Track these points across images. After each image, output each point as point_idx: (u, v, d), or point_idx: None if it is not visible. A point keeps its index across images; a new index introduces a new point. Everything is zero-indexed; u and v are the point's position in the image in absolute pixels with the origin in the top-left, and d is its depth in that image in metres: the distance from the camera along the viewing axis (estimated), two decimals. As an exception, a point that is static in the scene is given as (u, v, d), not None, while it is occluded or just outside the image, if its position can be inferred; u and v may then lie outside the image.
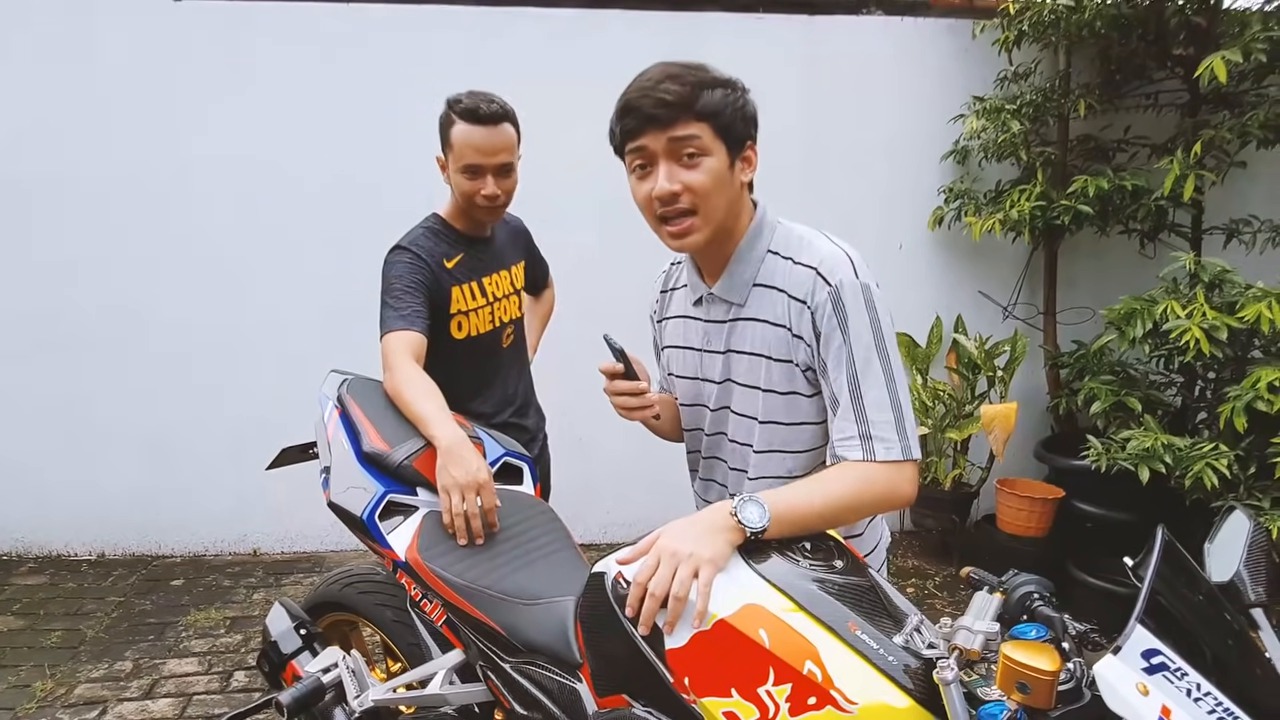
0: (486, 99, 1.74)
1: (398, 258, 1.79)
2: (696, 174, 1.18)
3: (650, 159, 1.19)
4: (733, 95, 1.20)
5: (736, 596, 1.02)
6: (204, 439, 3.44)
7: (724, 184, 1.20)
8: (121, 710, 2.46)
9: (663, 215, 1.21)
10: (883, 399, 1.15)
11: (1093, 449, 2.71)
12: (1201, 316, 2.56)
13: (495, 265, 1.94)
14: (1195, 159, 2.81)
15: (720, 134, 1.18)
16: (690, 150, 1.17)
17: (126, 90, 3.20)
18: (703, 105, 1.16)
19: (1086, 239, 3.51)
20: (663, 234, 1.24)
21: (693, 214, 1.20)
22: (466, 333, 1.87)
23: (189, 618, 3.00)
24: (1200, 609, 0.88)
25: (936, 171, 3.58)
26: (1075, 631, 0.99)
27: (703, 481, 1.47)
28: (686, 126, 1.16)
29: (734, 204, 1.24)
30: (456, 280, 1.84)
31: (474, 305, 1.88)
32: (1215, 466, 2.47)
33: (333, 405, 1.64)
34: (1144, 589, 0.77)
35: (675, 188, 1.18)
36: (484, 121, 1.73)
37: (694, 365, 1.38)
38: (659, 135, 1.17)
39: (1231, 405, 2.49)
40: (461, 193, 1.79)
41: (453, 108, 1.75)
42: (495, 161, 1.76)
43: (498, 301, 1.93)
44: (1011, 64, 3.37)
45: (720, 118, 1.18)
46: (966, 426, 3.46)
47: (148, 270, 3.32)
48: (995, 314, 3.70)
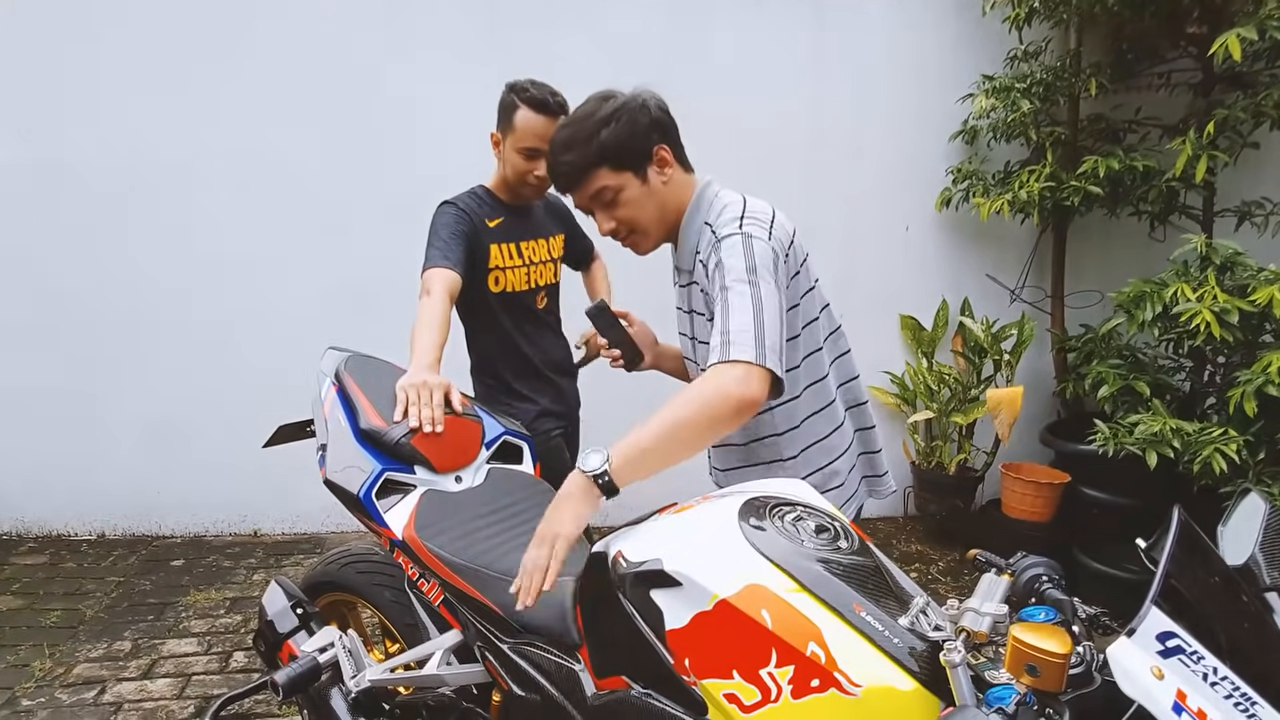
0: (551, 92, 1.89)
1: (446, 210, 1.96)
2: (620, 209, 1.41)
3: (585, 210, 1.45)
4: (618, 128, 1.36)
5: (738, 576, 1.00)
6: (205, 420, 3.42)
7: (645, 199, 1.41)
8: (120, 690, 2.45)
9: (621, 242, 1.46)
10: (746, 321, 1.22)
11: (1100, 433, 2.68)
12: (1212, 299, 2.52)
13: (534, 233, 2.09)
14: (1208, 139, 2.76)
15: (622, 167, 1.38)
16: (607, 195, 1.39)
17: (128, 75, 3.16)
18: (595, 158, 1.36)
19: (1095, 221, 3.47)
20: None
21: (634, 233, 1.44)
22: (503, 288, 2.02)
23: (189, 598, 2.99)
24: (1216, 592, 0.85)
25: (944, 152, 3.53)
26: (1085, 615, 0.97)
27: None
28: (592, 183, 1.39)
29: (665, 203, 1.43)
30: (496, 239, 1.99)
31: (510, 264, 2.02)
32: (1224, 451, 2.44)
33: (330, 382, 1.62)
34: (1159, 570, 0.75)
35: (612, 225, 1.43)
36: (549, 113, 1.87)
37: (684, 323, 1.57)
38: (580, 194, 1.42)
39: (1242, 390, 2.46)
40: (515, 170, 1.94)
41: (519, 94, 1.89)
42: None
43: (534, 265, 2.07)
44: (1021, 42, 3.31)
45: (615, 157, 1.37)
46: (972, 411, 3.43)
47: (149, 252, 3.28)
48: (1002, 297, 3.66)
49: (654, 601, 1.04)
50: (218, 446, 3.42)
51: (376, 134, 3.27)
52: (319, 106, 3.25)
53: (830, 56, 3.42)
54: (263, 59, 3.20)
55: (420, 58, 3.20)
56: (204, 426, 3.43)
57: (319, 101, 3.24)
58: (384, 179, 3.25)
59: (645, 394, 3.47)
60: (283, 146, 3.26)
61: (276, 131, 3.24)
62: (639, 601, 1.07)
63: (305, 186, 3.29)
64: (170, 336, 3.35)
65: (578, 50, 3.19)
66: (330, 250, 3.33)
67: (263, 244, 3.32)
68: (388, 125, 3.25)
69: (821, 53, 3.41)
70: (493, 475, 1.61)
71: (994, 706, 0.81)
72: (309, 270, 3.34)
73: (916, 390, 3.56)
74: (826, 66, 3.41)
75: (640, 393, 3.44)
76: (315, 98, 3.24)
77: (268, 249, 3.32)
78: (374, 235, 3.30)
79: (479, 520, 1.47)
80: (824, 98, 3.40)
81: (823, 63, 3.40)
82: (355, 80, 3.24)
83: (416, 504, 1.48)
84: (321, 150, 3.27)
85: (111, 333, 3.32)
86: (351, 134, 3.27)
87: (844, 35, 3.42)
